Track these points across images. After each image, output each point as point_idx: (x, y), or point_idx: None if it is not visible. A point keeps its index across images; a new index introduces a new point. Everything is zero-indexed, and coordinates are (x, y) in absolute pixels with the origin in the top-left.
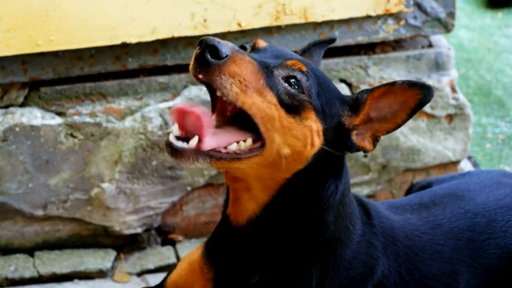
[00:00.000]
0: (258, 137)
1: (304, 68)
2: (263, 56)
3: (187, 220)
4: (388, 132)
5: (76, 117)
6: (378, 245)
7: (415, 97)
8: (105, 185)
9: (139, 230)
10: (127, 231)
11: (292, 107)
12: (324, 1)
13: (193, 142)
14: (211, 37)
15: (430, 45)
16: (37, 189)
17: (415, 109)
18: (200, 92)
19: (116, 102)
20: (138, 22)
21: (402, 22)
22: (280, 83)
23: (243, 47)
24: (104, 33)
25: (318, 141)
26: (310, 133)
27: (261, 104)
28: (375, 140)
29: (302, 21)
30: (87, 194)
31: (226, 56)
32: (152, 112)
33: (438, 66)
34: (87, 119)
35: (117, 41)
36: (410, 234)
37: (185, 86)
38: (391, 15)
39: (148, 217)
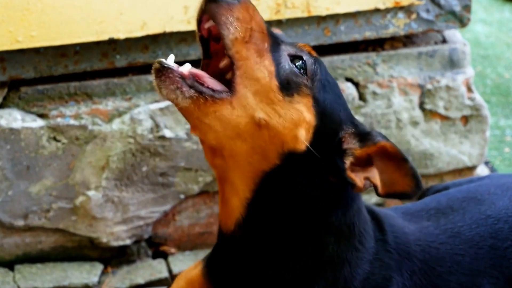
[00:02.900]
0: None
1: (313, 53)
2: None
3: (180, 230)
4: (382, 189)
5: (59, 120)
6: (391, 264)
7: (407, 185)
8: (91, 193)
9: (128, 241)
10: (115, 243)
11: (288, 86)
12: None
13: (185, 67)
14: None
15: (444, 41)
16: (17, 197)
17: (395, 195)
18: None
19: (103, 103)
20: (127, 16)
21: (414, 16)
22: (284, 57)
23: None
24: (90, 28)
25: (303, 136)
26: (298, 118)
27: (255, 64)
28: (367, 183)
29: (305, 15)
30: (72, 203)
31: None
32: (142, 114)
33: (452, 63)
34: (72, 122)
35: (104, 37)
36: (427, 247)
37: None
38: (401, 8)
39: (138, 228)
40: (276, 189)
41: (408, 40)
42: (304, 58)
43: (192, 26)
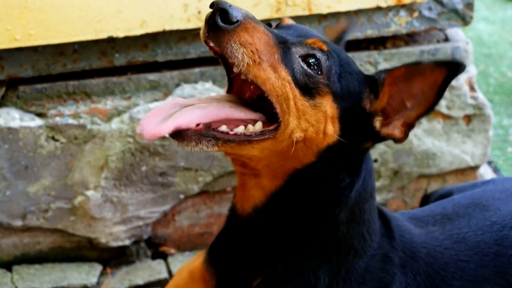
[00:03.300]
0: (268, 119)
1: (324, 47)
2: (284, 33)
3: (179, 231)
4: (419, 117)
5: (58, 119)
6: (396, 260)
7: (443, 75)
8: (89, 193)
9: (127, 242)
10: (114, 243)
11: (307, 89)
12: None
13: (188, 121)
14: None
15: (446, 39)
16: (15, 197)
17: (444, 86)
18: (195, 91)
19: (102, 102)
20: (126, 14)
21: (416, 14)
22: (296, 61)
23: (268, 25)
24: (89, 27)
25: (331, 129)
26: (324, 118)
27: (276, 80)
28: (407, 128)
29: (306, 13)
30: (70, 203)
31: (237, 21)
32: (141, 113)
33: None
34: (70, 121)
35: (103, 35)
36: (432, 251)
37: (177, 85)
38: (403, 6)
39: (137, 228)
40: (305, 179)
41: (410, 38)
42: (317, 56)
43: (192, 24)
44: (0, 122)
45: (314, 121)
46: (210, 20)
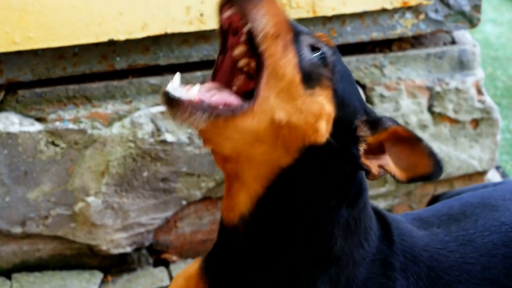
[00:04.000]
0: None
1: (331, 43)
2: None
3: (182, 238)
4: (395, 175)
5: (58, 123)
6: (396, 265)
7: (426, 166)
8: (90, 199)
9: (128, 249)
10: (115, 251)
11: (310, 78)
12: None
13: (193, 91)
14: None
15: (453, 42)
16: (15, 203)
17: (418, 178)
18: None
19: (103, 106)
20: (127, 17)
21: (422, 16)
22: (305, 48)
23: None
24: (89, 30)
25: (324, 128)
26: (319, 112)
27: (281, 59)
28: (383, 172)
29: (310, 15)
30: (71, 209)
31: None
32: (142, 118)
33: (462, 65)
34: (70, 126)
35: (104, 38)
36: (435, 254)
37: None
38: (409, 8)
39: (139, 235)
40: (291, 183)
41: (416, 41)
42: (324, 49)
43: (194, 27)
44: None
45: (305, 109)
46: None
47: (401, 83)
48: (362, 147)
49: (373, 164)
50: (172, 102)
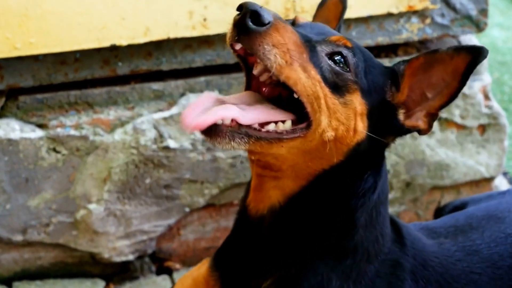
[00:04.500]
0: (298, 118)
1: (349, 44)
2: (303, 31)
3: (185, 245)
4: (442, 107)
5: (59, 130)
6: (406, 266)
7: (465, 61)
8: (92, 206)
9: (131, 257)
10: (117, 259)
11: (337, 87)
12: None
13: (228, 117)
14: (251, 1)
15: None
16: (16, 211)
17: (467, 73)
18: None
19: (105, 113)
20: (129, 22)
21: (428, 21)
22: (323, 59)
23: None
24: (91, 35)
25: (361, 126)
26: (354, 115)
27: (307, 80)
28: (431, 119)
29: None
30: (72, 217)
31: (269, 23)
32: (145, 124)
33: None
34: (72, 132)
35: (106, 44)
36: (444, 261)
37: (182, 94)
38: (415, 12)
39: (141, 243)
40: (329, 181)
41: (422, 45)
42: (343, 53)
43: (197, 32)
44: (0, 134)
45: (345, 119)
46: (240, 23)
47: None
48: (401, 113)
49: (418, 120)
50: (209, 133)
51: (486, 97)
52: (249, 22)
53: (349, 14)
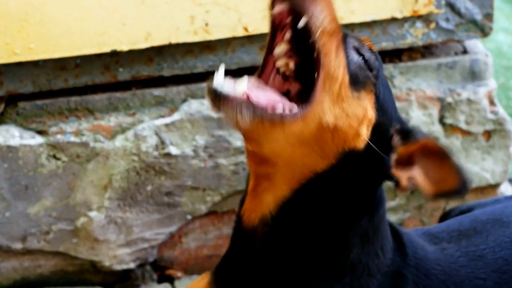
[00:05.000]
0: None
1: (374, 48)
2: None
3: (187, 253)
4: (420, 188)
5: (59, 136)
6: (408, 277)
7: (453, 182)
8: (92, 213)
9: (132, 265)
10: (118, 267)
11: (356, 80)
12: (342, 2)
13: (241, 87)
14: None
15: (465, 51)
16: (15, 218)
17: (443, 193)
18: (202, 107)
19: (105, 119)
20: (130, 27)
21: (433, 25)
22: (352, 50)
23: None
24: (91, 40)
25: (365, 133)
26: (362, 116)
27: (335, 57)
28: (410, 184)
29: None
30: (72, 224)
31: None
32: (146, 130)
33: (474, 75)
34: (72, 139)
35: (106, 49)
36: (447, 268)
37: (184, 100)
38: (419, 17)
39: (143, 250)
40: (319, 188)
41: (426, 50)
42: (367, 54)
43: (199, 37)
44: None
45: (351, 113)
46: None
47: (411, 94)
48: (394, 157)
49: (403, 176)
50: (218, 98)
51: (492, 102)
52: None
53: (352, 19)
